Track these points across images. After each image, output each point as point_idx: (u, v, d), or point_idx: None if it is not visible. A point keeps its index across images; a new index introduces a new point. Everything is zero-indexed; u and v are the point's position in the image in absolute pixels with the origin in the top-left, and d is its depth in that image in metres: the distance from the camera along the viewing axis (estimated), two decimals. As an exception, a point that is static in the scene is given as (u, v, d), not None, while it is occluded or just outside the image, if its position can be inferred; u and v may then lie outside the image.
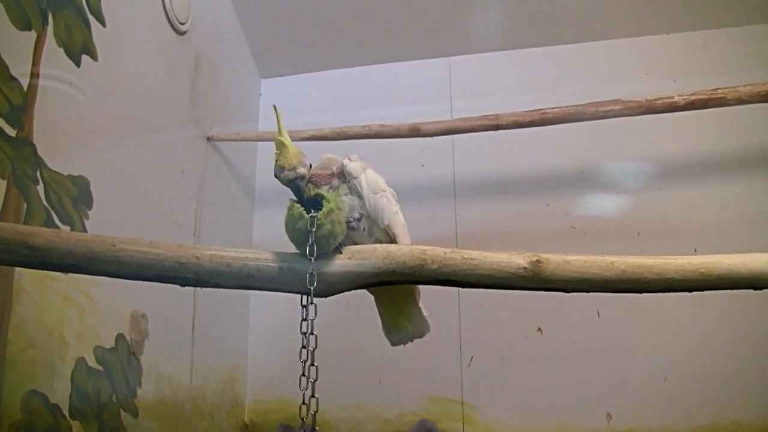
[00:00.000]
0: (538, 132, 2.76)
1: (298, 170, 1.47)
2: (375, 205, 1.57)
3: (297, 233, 1.43)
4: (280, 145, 1.50)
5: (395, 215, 1.63)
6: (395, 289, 1.62)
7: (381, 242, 1.57)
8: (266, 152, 3.37)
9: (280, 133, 1.52)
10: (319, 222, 1.41)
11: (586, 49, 3.23)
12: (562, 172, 3.07)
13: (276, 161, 1.50)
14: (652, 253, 1.45)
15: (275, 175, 1.50)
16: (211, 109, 2.91)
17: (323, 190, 1.50)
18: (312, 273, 1.40)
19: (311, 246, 1.40)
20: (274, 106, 1.54)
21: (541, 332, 2.92)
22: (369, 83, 3.42)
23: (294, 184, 1.48)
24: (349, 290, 1.47)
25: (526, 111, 2.66)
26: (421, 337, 1.72)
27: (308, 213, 1.42)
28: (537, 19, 3.20)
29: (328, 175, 1.59)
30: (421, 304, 1.70)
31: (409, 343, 1.71)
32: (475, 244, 1.61)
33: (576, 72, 3.20)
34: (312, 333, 1.41)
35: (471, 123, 2.74)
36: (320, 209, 1.43)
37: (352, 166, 1.58)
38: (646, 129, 2.96)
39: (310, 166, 1.54)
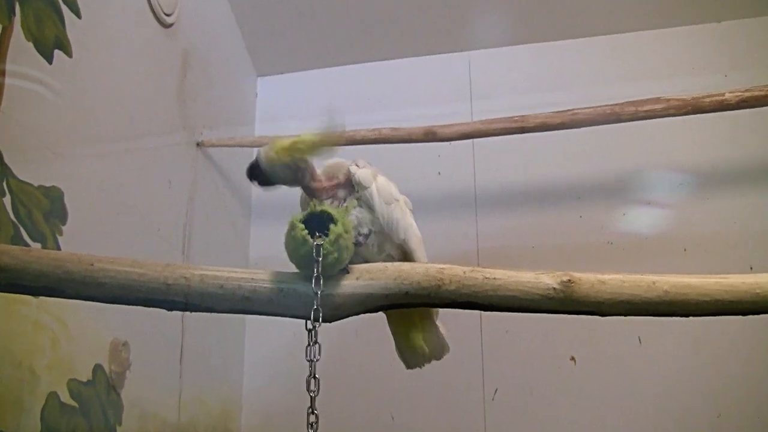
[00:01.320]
0: (569, 135, 2.75)
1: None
2: (389, 217, 1.57)
3: (299, 258, 1.42)
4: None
5: (411, 228, 1.63)
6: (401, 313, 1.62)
7: (393, 258, 1.57)
8: (263, 159, 3.39)
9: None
10: (325, 251, 1.40)
11: (624, 41, 3.23)
12: (597, 181, 3.06)
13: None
14: (700, 272, 1.44)
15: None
16: (202, 111, 2.92)
17: (328, 205, 1.49)
18: (317, 308, 1.39)
19: (317, 278, 1.40)
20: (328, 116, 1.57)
21: (575, 361, 2.90)
22: (378, 82, 3.43)
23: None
24: (357, 314, 1.46)
25: (556, 112, 2.66)
26: (439, 358, 1.72)
27: (312, 234, 1.41)
28: (568, 7, 3.20)
29: (332, 186, 1.59)
30: (438, 322, 1.70)
31: (427, 365, 1.71)
32: (499, 261, 1.61)
33: (612, 67, 3.20)
34: (315, 377, 1.40)
35: (493, 125, 2.74)
36: (325, 231, 1.41)
37: (362, 173, 1.57)
38: (693, 131, 2.95)
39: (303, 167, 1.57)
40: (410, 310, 1.64)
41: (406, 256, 1.62)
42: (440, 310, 1.66)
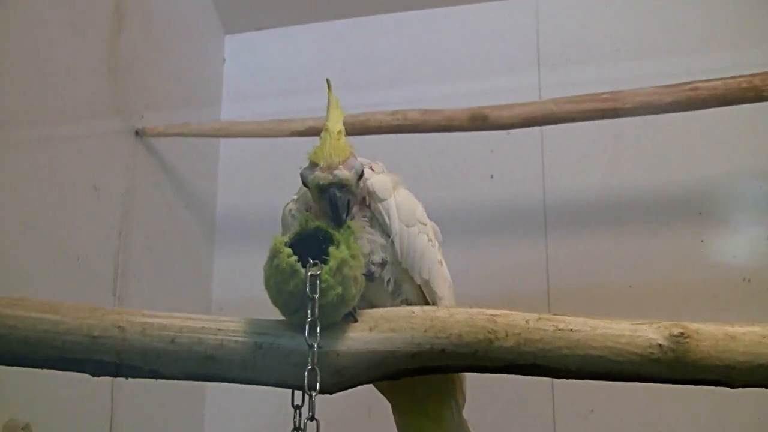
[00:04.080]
0: (684, 120, 2.76)
1: (337, 172, 1.49)
2: (409, 245, 1.58)
3: (286, 297, 1.42)
4: (323, 134, 1.53)
5: (439, 266, 1.64)
6: (423, 388, 1.63)
7: (410, 304, 1.57)
8: (232, 154, 3.40)
9: (327, 117, 1.55)
10: (324, 285, 1.39)
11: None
12: (727, 188, 3.05)
13: (309, 155, 1.53)
14: None
15: (301, 178, 1.54)
16: (143, 86, 2.94)
17: (325, 222, 1.50)
18: (313, 368, 1.39)
19: (312, 325, 1.39)
20: (328, 81, 1.57)
21: (694, 456, 2.89)
22: (402, 42, 3.44)
23: (328, 194, 1.49)
24: (369, 382, 1.48)
25: (664, 86, 2.65)
26: None
27: (304, 261, 1.41)
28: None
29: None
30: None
31: None
32: (579, 306, 1.62)
33: (749, 17, 3.18)
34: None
35: (572, 106, 2.73)
36: (323, 257, 1.42)
37: (377, 181, 1.58)
38: None
39: (361, 174, 1.55)
40: (426, 394, 1.67)
41: (426, 303, 1.62)
42: (489, 386, 1.67)
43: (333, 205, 1.48)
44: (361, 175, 1.54)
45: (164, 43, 3.10)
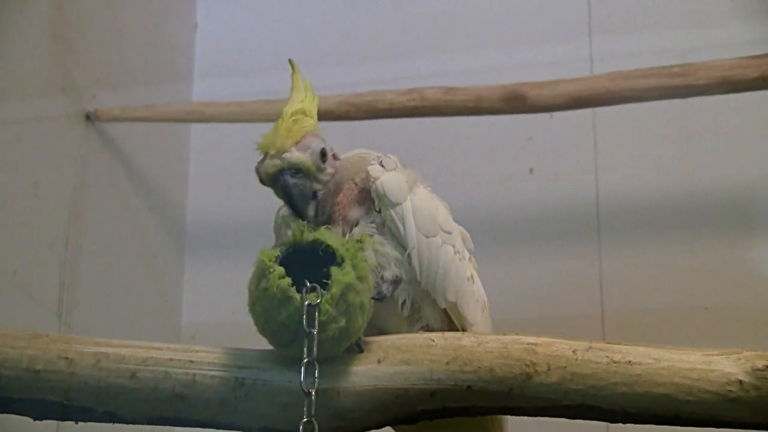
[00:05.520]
0: (770, 100, 2.76)
1: (287, 155, 1.50)
2: (430, 261, 1.57)
3: (276, 327, 1.42)
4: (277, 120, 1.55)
5: (468, 284, 1.63)
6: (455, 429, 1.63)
7: (433, 331, 1.57)
8: (207, 144, 3.40)
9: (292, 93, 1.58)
10: (324, 317, 1.39)
11: None
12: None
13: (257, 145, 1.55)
14: None
15: (257, 175, 1.55)
16: (95, 58, 2.95)
17: (324, 231, 1.48)
18: (310, 421, 1.37)
19: (309, 366, 1.38)
20: (291, 62, 1.57)
21: None
22: (420, 4, 3.44)
23: (280, 181, 1.51)
24: (378, 427, 1.48)
25: (747, 58, 2.65)
26: None
27: (299, 285, 1.40)
28: None
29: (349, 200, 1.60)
30: None
31: None
32: (639, 331, 1.62)
33: None
34: None
35: (630, 83, 2.73)
36: (324, 280, 1.41)
37: (388, 180, 1.57)
38: None
39: (323, 154, 1.55)
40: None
41: (454, 329, 1.61)
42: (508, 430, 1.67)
43: (288, 196, 1.50)
44: (324, 156, 1.53)
45: (122, 5, 3.10)
